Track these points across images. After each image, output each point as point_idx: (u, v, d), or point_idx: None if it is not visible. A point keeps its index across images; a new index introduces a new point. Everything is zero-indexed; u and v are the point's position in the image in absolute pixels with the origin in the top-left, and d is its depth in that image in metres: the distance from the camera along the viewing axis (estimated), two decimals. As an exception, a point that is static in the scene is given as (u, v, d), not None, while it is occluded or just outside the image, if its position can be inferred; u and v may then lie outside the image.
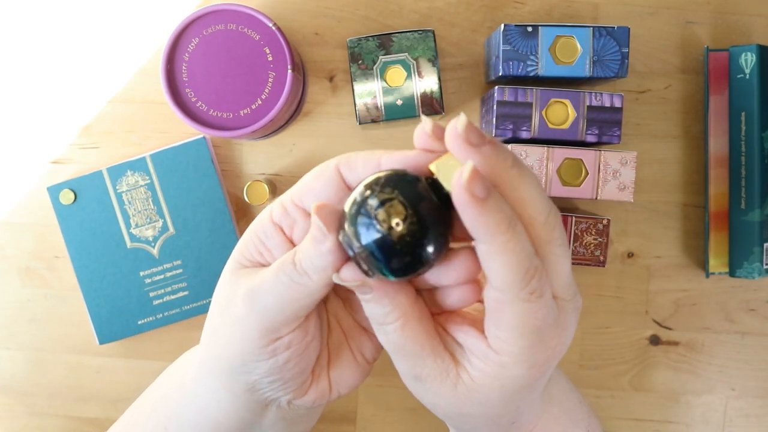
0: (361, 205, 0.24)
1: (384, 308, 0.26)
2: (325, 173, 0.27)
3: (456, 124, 0.23)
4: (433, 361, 0.27)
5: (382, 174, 0.25)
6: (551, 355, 0.26)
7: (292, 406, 0.30)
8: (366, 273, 0.25)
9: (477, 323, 0.27)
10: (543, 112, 0.46)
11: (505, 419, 0.29)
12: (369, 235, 0.23)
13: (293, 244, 0.28)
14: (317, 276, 0.26)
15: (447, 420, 0.30)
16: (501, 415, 0.28)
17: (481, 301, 0.27)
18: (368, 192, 0.24)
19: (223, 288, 0.29)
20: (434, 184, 0.24)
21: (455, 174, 0.22)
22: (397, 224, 0.23)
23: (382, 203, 0.23)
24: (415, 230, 0.23)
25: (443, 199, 0.24)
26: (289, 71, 0.45)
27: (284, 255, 0.27)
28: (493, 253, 0.23)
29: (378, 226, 0.23)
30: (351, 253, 0.24)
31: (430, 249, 0.24)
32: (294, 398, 0.30)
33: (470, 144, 0.23)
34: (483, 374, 0.26)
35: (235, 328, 0.28)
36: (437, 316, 0.28)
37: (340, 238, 0.24)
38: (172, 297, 0.53)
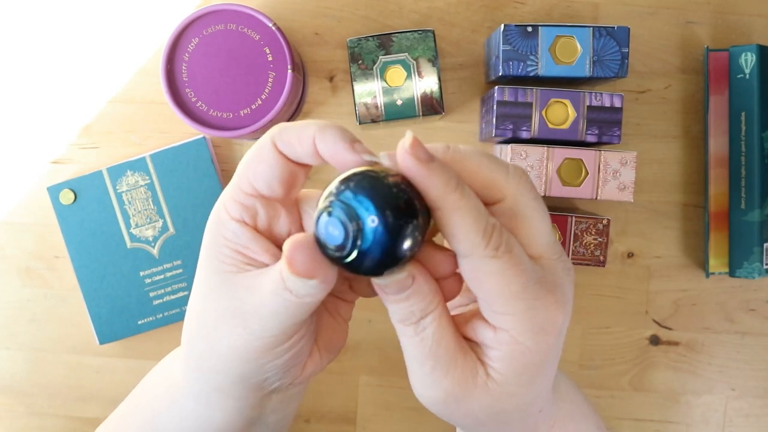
0: (331, 208, 0.24)
1: (425, 299, 0.26)
2: (265, 156, 0.27)
3: (404, 143, 0.24)
4: (464, 359, 0.27)
5: (352, 173, 0.24)
6: (551, 317, 0.26)
7: (290, 386, 0.30)
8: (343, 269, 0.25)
9: (480, 316, 0.27)
10: (543, 112, 0.46)
11: (534, 406, 0.29)
12: (340, 237, 0.23)
13: (263, 234, 0.27)
14: (315, 297, 0.26)
15: (479, 429, 0.29)
16: (530, 402, 0.28)
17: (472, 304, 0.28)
18: (339, 194, 0.24)
19: (211, 297, 0.28)
20: (404, 181, 0.25)
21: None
22: (372, 222, 0.23)
23: (349, 206, 0.23)
24: (386, 231, 0.23)
25: (415, 196, 0.24)
26: (289, 71, 0.45)
27: (274, 272, 0.26)
28: (447, 215, 0.24)
29: (349, 229, 0.23)
30: (327, 252, 0.24)
31: (405, 245, 0.24)
32: (294, 379, 0.30)
33: (418, 159, 0.24)
34: (504, 362, 0.26)
35: (238, 345, 0.27)
36: (459, 324, 0.28)
37: (316, 232, 0.24)
38: (172, 297, 0.53)
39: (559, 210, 0.50)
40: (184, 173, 0.52)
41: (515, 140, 0.47)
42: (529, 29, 0.45)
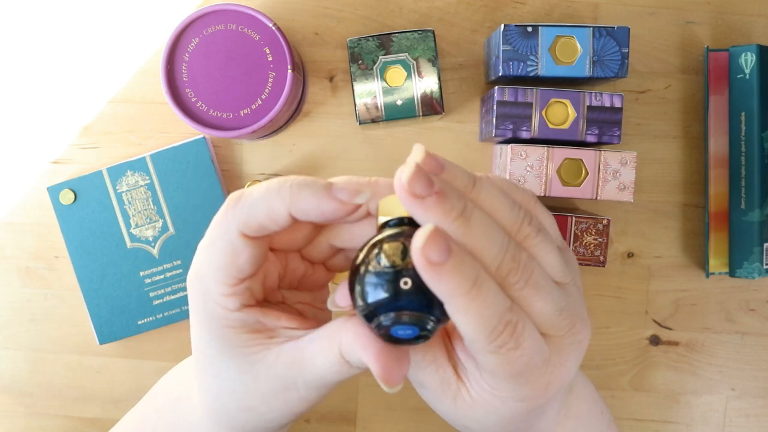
0: (366, 268, 0.23)
1: None
2: (238, 249, 0.25)
3: (401, 175, 0.22)
4: (435, 370, 0.26)
5: (385, 236, 0.24)
6: (544, 390, 0.26)
7: None
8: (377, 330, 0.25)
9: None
10: (543, 112, 0.46)
11: None
12: (377, 296, 0.23)
13: (268, 307, 0.27)
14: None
15: (453, 425, 0.30)
16: (505, 431, 0.28)
17: None
18: (374, 257, 0.24)
19: (247, 379, 0.27)
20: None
21: (413, 242, 0.22)
22: (405, 284, 0.23)
23: (385, 272, 0.23)
24: (419, 292, 0.23)
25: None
26: (289, 71, 0.45)
27: (326, 348, 0.26)
28: (454, 312, 0.23)
29: (385, 289, 0.23)
30: (360, 311, 0.24)
31: (438, 324, 0.24)
32: None
33: (414, 197, 0.22)
34: (480, 397, 0.26)
35: (295, 412, 0.28)
36: (448, 333, 0.28)
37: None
38: (172, 297, 0.53)
39: (559, 210, 0.50)
40: (184, 173, 0.52)
41: (515, 140, 0.47)
42: (529, 29, 0.45)
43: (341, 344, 0.25)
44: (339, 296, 0.26)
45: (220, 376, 0.28)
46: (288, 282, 0.29)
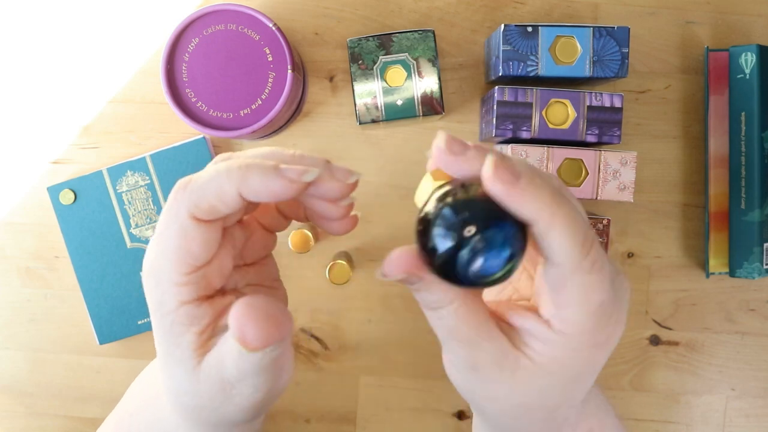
0: (436, 219, 0.23)
1: (436, 294, 0.25)
2: (189, 233, 0.25)
3: (437, 143, 0.24)
4: (491, 344, 0.26)
5: (449, 188, 0.24)
6: (611, 333, 0.26)
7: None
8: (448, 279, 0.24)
9: (533, 309, 0.27)
10: (543, 112, 0.46)
11: (561, 412, 0.28)
12: (444, 244, 0.23)
13: (220, 298, 0.27)
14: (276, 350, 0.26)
15: (500, 418, 0.29)
16: (559, 405, 0.28)
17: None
18: (440, 207, 0.23)
19: (198, 379, 0.27)
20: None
21: (483, 171, 0.23)
22: (470, 232, 0.23)
23: (456, 220, 0.23)
24: (486, 241, 0.23)
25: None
26: (289, 71, 0.45)
27: (230, 348, 0.25)
28: (546, 228, 0.23)
29: (452, 238, 0.23)
30: (431, 260, 0.24)
31: (505, 254, 0.23)
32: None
33: (455, 154, 0.24)
34: (545, 358, 0.26)
35: (246, 405, 0.27)
36: (493, 307, 0.28)
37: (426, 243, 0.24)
38: (172, 297, 0.53)
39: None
40: (184, 173, 0.52)
41: (515, 140, 0.47)
42: (529, 29, 0.45)
43: (235, 335, 0.25)
44: (388, 266, 0.25)
45: (173, 375, 0.28)
46: (238, 256, 0.29)
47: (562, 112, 0.46)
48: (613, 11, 0.52)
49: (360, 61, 0.48)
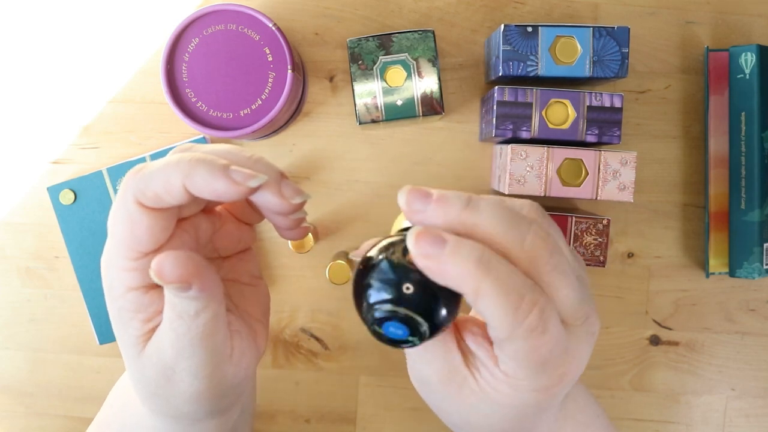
0: (376, 273, 0.24)
1: None
2: (136, 218, 0.25)
3: (399, 200, 0.24)
4: (443, 356, 0.26)
5: (393, 240, 0.25)
6: (559, 380, 0.26)
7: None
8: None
9: (485, 334, 0.27)
10: (543, 112, 0.46)
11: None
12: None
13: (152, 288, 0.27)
14: (202, 309, 0.26)
15: (457, 430, 0.29)
16: (507, 430, 0.28)
17: None
18: (379, 263, 0.24)
19: (140, 369, 0.27)
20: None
21: (407, 239, 0.23)
22: (407, 288, 0.23)
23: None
24: (424, 298, 0.23)
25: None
26: (289, 71, 0.45)
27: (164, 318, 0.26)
28: (472, 299, 0.23)
29: (386, 289, 0.23)
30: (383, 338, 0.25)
31: (443, 312, 0.24)
32: (246, 366, 0.30)
33: (415, 211, 0.23)
34: (490, 388, 0.26)
35: (193, 391, 0.27)
36: (458, 326, 0.28)
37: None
38: (172, 297, 0.53)
39: (559, 210, 0.50)
40: (184, 173, 0.52)
41: (515, 140, 0.47)
42: (529, 29, 0.45)
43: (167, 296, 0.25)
44: None
45: (127, 364, 0.28)
46: (203, 246, 0.29)
47: (562, 112, 0.46)
48: (613, 11, 0.52)
49: (360, 61, 0.48)
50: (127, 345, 0.27)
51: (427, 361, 0.26)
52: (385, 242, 0.25)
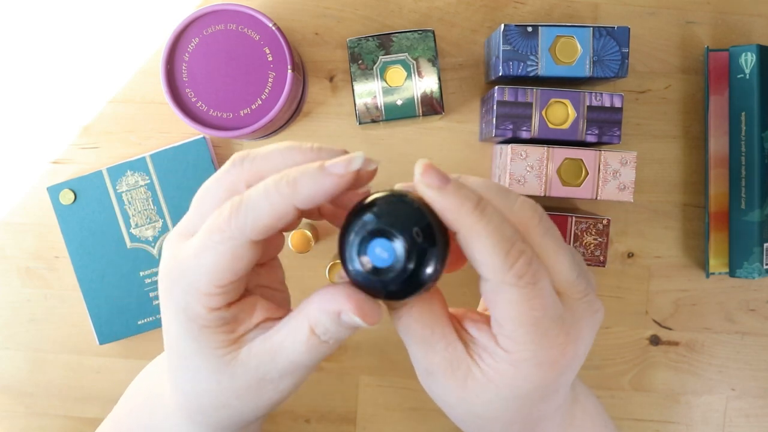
0: (359, 233, 0.24)
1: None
2: (240, 253, 0.25)
3: (416, 170, 0.24)
4: (444, 347, 0.26)
5: (378, 197, 0.25)
6: (560, 354, 0.26)
7: None
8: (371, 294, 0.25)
9: (486, 319, 0.27)
10: (543, 112, 0.46)
11: (517, 427, 0.28)
12: (367, 263, 0.24)
13: (246, 299, 0.27)
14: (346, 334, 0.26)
15: (462, 424, 0.29)
16: (513, 421, 0.28)
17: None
18: (365, 219, 0.24)
19: (219, 378, 0.27)
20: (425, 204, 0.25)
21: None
22: (396, 248, 0.23)
23: (378, 231, 0.24)
24: (412, 254, 0.23)
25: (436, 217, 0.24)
26: (289, 71, 0.45)
27: (295, 337, 0.26)
28: (467, 237, 0.24)
29: (376, 254, 0.23)
30: (353, 278, 0.25)
31: (429, 270, 0.24)
32: None
33: (429, 186, 0.24)
34: (493, 372, 0.26)
35: (269, 405, 0.28)
36: (455, 312, 0.28)
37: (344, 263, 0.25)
38: (172, 297, 0.53)
39: (559, 210, 0.50)
40: (184, 173, 0.52)
41: (515, 140, 0.47)
42: (529, 29, 0.45)
43: (309, 316, 0.25)
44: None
45: (195, 376, 0.27)
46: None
47: (562, 112, 0.46)
48: (613, 11, 0.52)
49: (360, 61, 0.48)
50: (207, 356, 0.26)
51: (432, 350, 0.26)
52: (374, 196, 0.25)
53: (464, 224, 0.24)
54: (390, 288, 0.24)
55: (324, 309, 0.25)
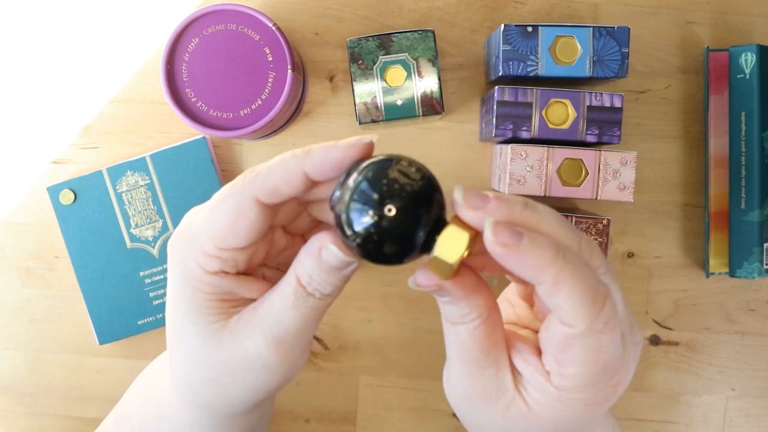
0: (353, 194, 0.24)
1: (461, 310, 0.25)
2: (246, 214, 0.25)
3: (455, 197, 0.24)
4: (494, 374, 0.26)
5: (371, 162, 0.25)
6: (611, 392, 0.25)
7: None
8: (360, 256, 0.25)
9: (536, 350, 0.26)
10: (543, 112, 0.46)
11: None
12: (362, 223, 0.24)
13: (245, 276, 0.27)
14: (336, 290, 0.26)
15: None
16: None
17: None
18: (358, 181, 0.24)
19: (210, 350, 0.27)
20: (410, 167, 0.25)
21: (484, 234, 0.23)
22: (389, 210, 0.23)
23: (373, 193, 0.24)
24: (405, 216, 0.23)
25: (426, 180, 0.24)
26: (289, 71, 0.45)
27: (285, 289, 0.26)
28: (551, 288, 0.23)
29: (370, 215, 0.23)
30: (344, 237, 0.25)
31: (421, 233, 0.24)
32: None
33: (474, 207, 0.23)
34: (540, 407, 0.25)
35: (262, 381, 0.28)
36: (508, 344, 0.27)
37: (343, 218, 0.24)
38: (172, 297, 0.53)
39: (559, 210, 0.50)
40: (184, 173, 0.52)
41: (515, 140, 0.47)
42: (529, 29, 0.45)
43: (294, 267, 0.26)
44: (421, 276, 0.25)
45: (186, 346, 0.28)
46: (271, 257, 0.30)
47: (562, 112, 0.46)
48: (613, 11, 0.52)
49: (360, 61, 0.48)
50: (198, 323, 0.27)
51: (480, 373, 0.26)
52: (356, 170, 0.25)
53: (547, 277, 0.23)
54: (385, 240, 0.24)
55: (307, 251, 0.25)
